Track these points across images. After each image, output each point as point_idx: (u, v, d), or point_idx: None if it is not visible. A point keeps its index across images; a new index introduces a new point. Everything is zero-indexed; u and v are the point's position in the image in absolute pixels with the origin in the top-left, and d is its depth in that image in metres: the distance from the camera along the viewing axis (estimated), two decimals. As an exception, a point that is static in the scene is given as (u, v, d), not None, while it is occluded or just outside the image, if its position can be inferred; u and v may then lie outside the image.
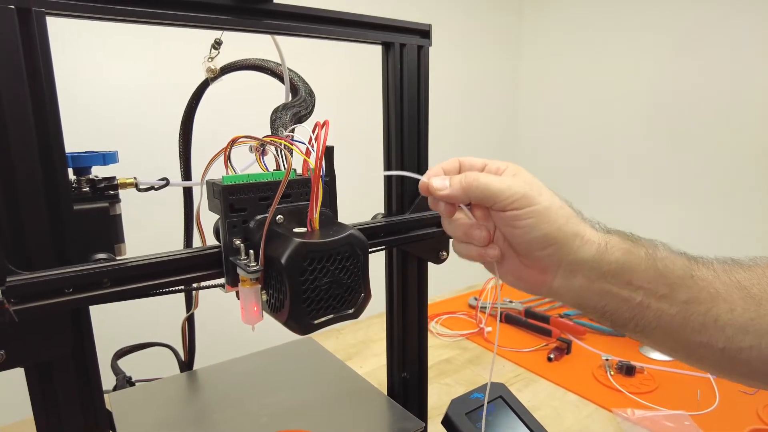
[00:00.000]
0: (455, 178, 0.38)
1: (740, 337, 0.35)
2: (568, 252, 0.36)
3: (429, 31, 0.55)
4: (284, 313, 0.36)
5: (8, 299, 0.33)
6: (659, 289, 0.36)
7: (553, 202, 0.37)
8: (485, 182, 0.37)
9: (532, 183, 0.37)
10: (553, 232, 0.36)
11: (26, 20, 0.34)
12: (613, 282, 0.37)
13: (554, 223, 0.36)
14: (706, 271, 0.36)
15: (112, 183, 0.43)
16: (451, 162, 0.41)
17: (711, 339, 0.36)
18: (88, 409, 0.40)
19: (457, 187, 0.38)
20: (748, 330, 0.35)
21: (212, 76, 0.54)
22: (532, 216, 0.36)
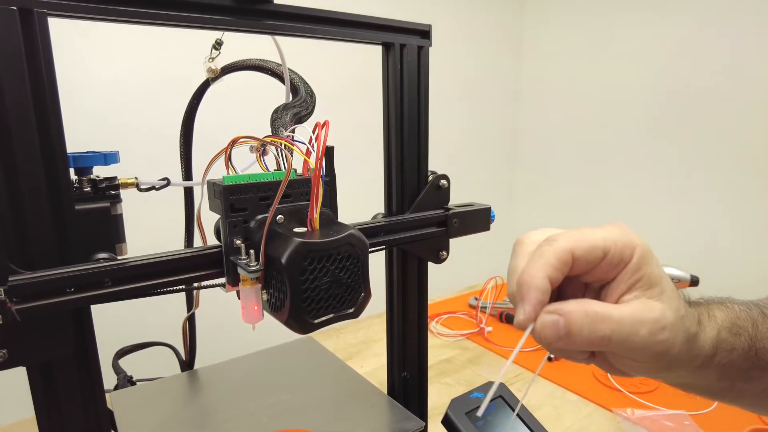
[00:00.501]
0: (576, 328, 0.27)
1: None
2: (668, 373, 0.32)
3: (429, 31, 0.55)
4: (284, 313, 0.36)
5: (10, 299, 0.33)
6: (749, 374, 0.33)
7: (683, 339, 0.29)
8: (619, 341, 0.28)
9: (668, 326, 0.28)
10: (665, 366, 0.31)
11: (28, 21, 0.34)
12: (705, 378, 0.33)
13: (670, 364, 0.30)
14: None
15: (114, 183, 0.43)
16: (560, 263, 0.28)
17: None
18: (90, 408, 0.41)
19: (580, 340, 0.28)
20: None
21: (213, 76, 0.54)
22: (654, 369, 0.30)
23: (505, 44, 1.66)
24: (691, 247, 1.29)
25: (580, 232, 0.29)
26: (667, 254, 0.37)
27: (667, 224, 1.37)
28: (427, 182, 0.58)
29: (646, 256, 0.29)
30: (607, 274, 0.30)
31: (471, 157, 1.61)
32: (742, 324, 0.33)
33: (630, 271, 0.29)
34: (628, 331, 0.27)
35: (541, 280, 0.28)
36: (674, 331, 0.28)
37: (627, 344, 0.28)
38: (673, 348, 0.29)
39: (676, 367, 0.31)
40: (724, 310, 0.33)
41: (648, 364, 0.30)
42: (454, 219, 0.57)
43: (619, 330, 0.27)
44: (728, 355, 0.32)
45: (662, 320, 0.28)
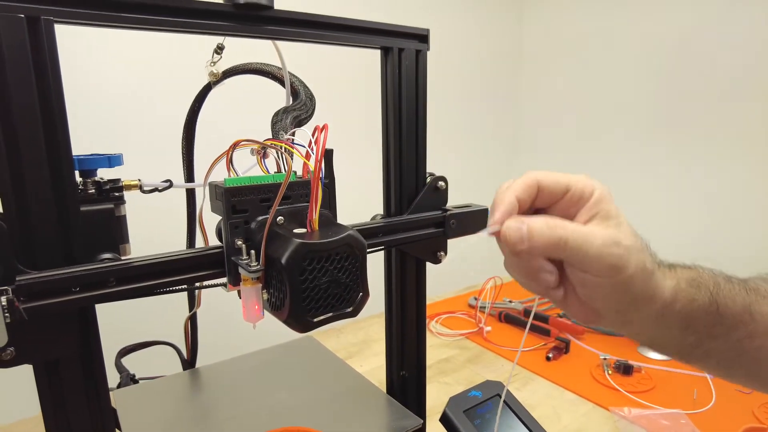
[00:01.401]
0: (536, 229, 0.31)
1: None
2: (633, 311, 0.34)
3: (427, 35, 0.56)
4: (284, 312, 0.37)
5: (18, 297, 0.34)
6: (715, 330, 0.34)
7: (638, 265, 0.32)
8: (575, 246, 0.31)
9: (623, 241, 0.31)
10: (622, 300, 0.33)
11: (35, 28, 0.35)
12: (669, 329, 0.35)
13: (628, 291, 0.32)
14: (763, 303, 0.35)
15: (117, 185, 0.44)
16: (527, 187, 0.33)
17: (762, 370, 0.36)
18: (95, 405, 0.41)
19: (540, 244, 0.31)
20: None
21: (215, 80, 0.55)
22: (608, 285, 0.32)
23: (505, 46, 1.67)
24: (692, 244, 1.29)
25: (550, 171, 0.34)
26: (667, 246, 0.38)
27: (667, 221, 1.38)
28: (425, 184, 0.59)
29: (605, 196, 0.33)
30: (570, 210, 0.33)
31: (470, 159, 1.62)
32: (702, 281, 0.35)
33: (589, 206, 0.33)
34: (583, 238, 0.31)
35: (509, 197, 0.33)
36: (628, 251, 0.31)
37: (582, 251, 0.31)
38: (627, 267, 0.31)
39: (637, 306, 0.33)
40: (685, 268, 0.36)
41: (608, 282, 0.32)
42: (452, 220, 0.57)
43: (575, 236, 0.31)
44: (689, 305, 0.34)
45: (616, 237, 0.31)
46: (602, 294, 0.33)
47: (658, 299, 0.33)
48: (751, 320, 0.34)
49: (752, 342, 0.35)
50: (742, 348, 0.35)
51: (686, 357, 0.37)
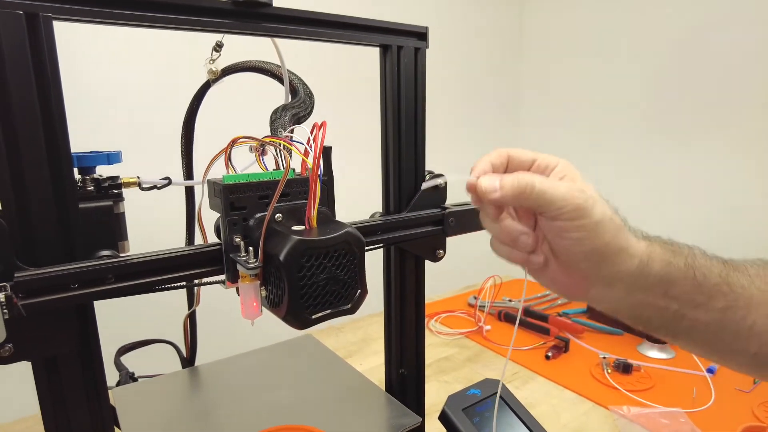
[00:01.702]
0: (507, 180, 0.35)
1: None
2: (611, 266, 0.35)
3: (426, 33, 0.56)
4: (283, 309, 0.37)
5: (16, 294, 0.34)
6: (696, 298, 0.35)
7: (605, 214, 0.35)
8: (541, 189, 0.34)
9: (586, 191, 0.35)
10: (600, 248, 0.35)
11: (34, 25, 0.35)
12: (651, 293, 0.36)
13: (602, 238, 0.34)
14: (741, 276, 0.36)
15: (116, 182, 0.44)
16: (499, 155, 0.38)
17: (744, 345, 0.36)
18: (94, 403, 0.42)
19: (509, 191, 0.35)
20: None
21: (214, 77, 0.55)
22: (583, 230, 0.34)
23: (505, 43, 1.67)
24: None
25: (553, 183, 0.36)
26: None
27: (665, 222, 1.38)
28: (425, 181, 0.59)
29: (569, 166, 0.37)
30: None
31: (469, 157, 1.62)
32: (677, 249, 0.36)
33: (555, 173, 0.37)
34: (549, 183, 0.34)
35: (484, 161, 0.38)
36: (593, 199, 0.34)
37: (549, 194, 0.34)
38: (593, 212, 0.34)
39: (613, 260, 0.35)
40: (660, 238, 0.37)
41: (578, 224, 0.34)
42: (451, 218, 0.58)
43: (542, 181, 0.34)
44: (666, 268, 0.35)
45: (581, 186, 0.35)
46: (575, 242, 0.35)
47: (633, 254, 0.35)
48: (730, 291, 0.35)
49: (734, 313, 0.35)
50: (725, 318, 0.36)
51: (672, 331, 0.38)
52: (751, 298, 0.35)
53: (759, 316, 0.35)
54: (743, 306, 0.35)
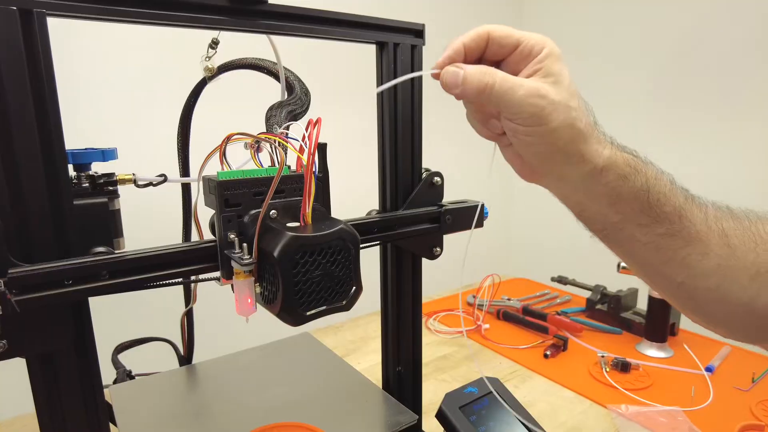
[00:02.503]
0: (470, 76, 0.34)
1: (701, 279, 0.37)
2: (560, 167, 0.36)
3: (422, 30, 0.56)
4: (277, 305, 0.37)
5: (10, 290, 0.34)
6: (640, 218, 0.37)
7: (563, 121, 0.34)
8: (499, 91, 0.34)
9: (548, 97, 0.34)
10: (549, 152, 0.36)
11: (28, 21, 0.35)
12: (596, 200, 0.37)
13: (555, 144, 0.35)
14: (698, 213, 0.37)
15: (111, 179, 0.44)
16: (477, 37, 0.36)
17: (673, 272, 0.38)
18: (89, 399, 0.42)
19: (471, 89, 0.35)
20: (710, 275, 0.36)
21: (210, 74, 0.55)
22: (535, 135, 0.35)
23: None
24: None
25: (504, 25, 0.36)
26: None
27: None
28: (421, 179, 0.59)
29: (553, 55, 0.35)
30: (519, 65, 0.36)
31: (468, 155, 1.61)
32: (643, 170, 0.36)
33: (535, 62, 0.35)
34: (508, 86, 0.34)
35: (456, 44, 0.36)
36: (553, 105, 0.34)
37: (507, 97, 0.34)
38: (550, 120, 0.34)
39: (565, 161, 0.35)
40: (632, 154, 0.37)
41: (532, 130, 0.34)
42: (447, 215, 0.57)
43: (502, 83, 0.34)
44: (620, 181, 0.36)
45: (542, 90, 0.34)
46: (529, 142, 0.36)
47: (587, 161, 0.36)
48: (678, 222, 0.36)
49: (674, 241, 0.37)
50: (663, 244, 0.37)
51: (610, 238, 0.39)
52: (697, 234, 0.36)
53: (694, 251, 0.36)
54: (684, 237, 0.36)
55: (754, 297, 0.36)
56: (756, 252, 0.36)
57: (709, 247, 0.36)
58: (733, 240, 0.36)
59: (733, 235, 0.37)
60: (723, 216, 0.37)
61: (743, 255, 0.36)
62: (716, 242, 0.36)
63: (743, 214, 0.38)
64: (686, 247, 0.37)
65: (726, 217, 0.38)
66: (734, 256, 0.36)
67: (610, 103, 1.48)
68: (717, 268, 0.36)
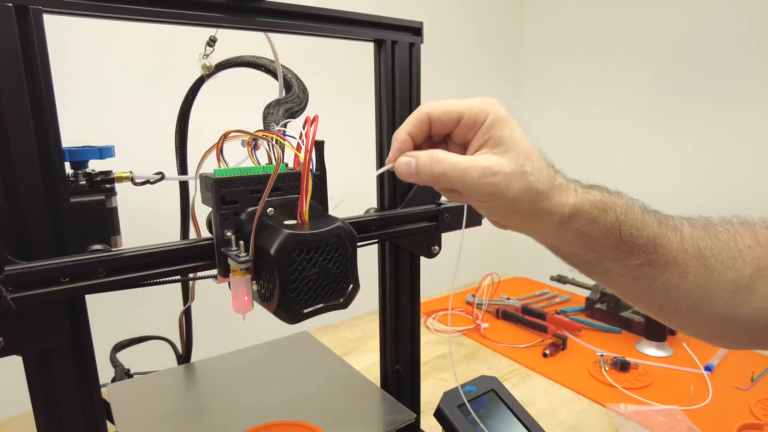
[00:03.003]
0: (422, 165, 0.35)
1: (681, 300, 0.37)
2: (527, 224, 0.37)
3: (420, 28, 0.56)
4: (274, 303, 0.37)
5: (6, 287, 0.34)
6: (614, 254, 0.37)
7: (521, 189, 0.34)
8: (453, 178, 0.34)
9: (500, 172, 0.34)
10: (513, 215, 0.36)
11: (24, 18, 0.35)
12: (568, 243, 0.38)
13: (515, 209, 0.35)
14: (672, 237, 0.37)
15: (109, 177, 0.44)
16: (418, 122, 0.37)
17: (653, 297, 0.38)
18: (86, 397, 0.42)
19: (425, 178, 0.36)
20: (690, 294, 0.37)
21: (207, 72, 0.55)
22: (494, 207, 0.36)
23: (504, 39, 1.67)
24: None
25: (444, 101, 0.36)
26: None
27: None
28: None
29: (498, 121, 0.35)
30: (467, 135, 0.36)
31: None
32: (612, 206, 0.36)
33: (482, 132, 0.35)
34: (461, 171, 0.34)
35: (402, 135, 0.37)
36: (508, 179, 0.34)
37: (461, 182, 0.34)
38: (507, 192, 0.34)
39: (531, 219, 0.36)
40: (600, 192, 0.37)
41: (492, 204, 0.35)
42: (446, 214, 0.57)
43: (453, 170, 0.34)
44: (588, 225, 0.36)
45: (494, 167, 0.34)
46: (491, 212, 0.37)
47: (553, 214, 0.36)
48: (654, 251, 0.36)
49: (650, 270, 0.37)
50: (640, 273, 0.37)
51: (588, 272, 0.40)
52: (674, 258, 0.37)
53: (672, 276, 0.37)
54: (661, 263, 0.37)
55: (736, 309, 0.36)
56: (735, 268, 0.36)
57: (686, 269, 0.37)
58: (711, 260, 0.37)
59: (710, 254, 0.37)
60: (699, 235, 0.38)
61: (721, 273, 0.36)
62: (694, 264, 0.37)
63: (722, 227, 0.38)
64: (664, 274, 0.37)
65: (702, 236, 0.38)
66: (712, 276, 0.36)
67: (610, 103, 1.48)
68: (696, 288, 0.37)
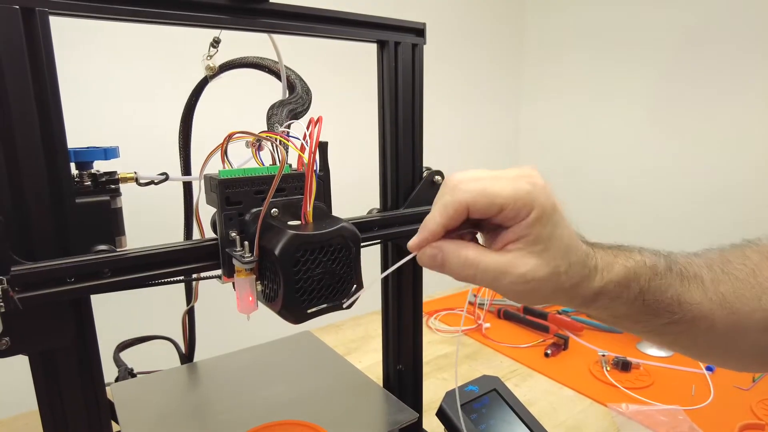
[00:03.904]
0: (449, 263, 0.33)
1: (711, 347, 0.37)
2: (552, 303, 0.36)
3: (423, 29, 0.56)
4: (278, 303, 0.38)
5: (13, 288, 0.34)
6: (638, 317, 0.36)
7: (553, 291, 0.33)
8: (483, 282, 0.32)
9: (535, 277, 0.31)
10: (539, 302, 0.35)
11: (30, 20, 0.35)
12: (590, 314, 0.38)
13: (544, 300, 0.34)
14: (696, 291, 0.36)
15: (113, 177, 0.44)
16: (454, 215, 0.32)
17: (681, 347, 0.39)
18: (90, 396, 0.42)
19: (452, 274, 0.33)
20: (719, 342, 0.37)
21: (211, 73, 0.55)
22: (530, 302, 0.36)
23: (505, 39, 1.67)
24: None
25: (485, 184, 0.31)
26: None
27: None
28: (422, 178, 0.59)
29: (543, 218, 0.31)
30: (505, 223, 0.32)
31: (469, 154, 1.62)
32: (636, 279, 0.35)
33: (522, 226, 0.31)
34: (491, 278, 0.32)
35: (435, 225, 0.33)
36: (540, 283, 0.32)
37: (490, 286, 0.33)
38: (536, 295, 0.33)
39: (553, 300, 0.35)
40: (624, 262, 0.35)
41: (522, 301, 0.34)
42: (448, 214, 0.57)
43: (484, 275, 0.32)
44: (611, 303, 0.35)
45: (528, 275, 0.31)
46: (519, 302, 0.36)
47: (578, 298, 0.35)
48: (679, 310, 0.36)
49: (677, 326, 0.36)
50: (667, 330, 0.37)
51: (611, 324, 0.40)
52: (700, 312, 0.36)
53: (700, 328, 0.36)
54: (687, 320, 0.36)
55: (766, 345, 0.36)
56: (761, 306, 0.35)
57: (713, 321, 0.36)
58: (736, 304, 0.36)
59: (734, 299, 0.36)
60: (719, 279, 0.37)
61: (748, 316, 0.36)
62: (720, 313, 0.36)
63: (738, 262, 0.37)
64: (691, 329, 0.36)
65: (722, 279, 0.37)
66: (740, 321, 0.36)
67: (610, 102, 1.48)
68: (724, 336, 0.36)
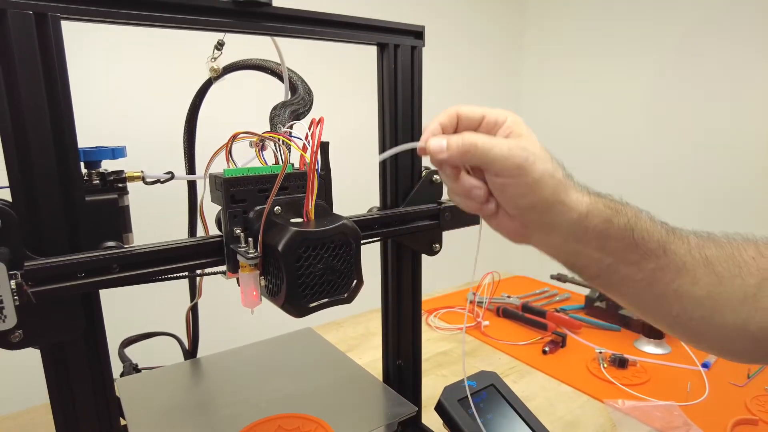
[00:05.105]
0: (453, 141, 0.38)
1: (695, 309, 0.39)
2: (549, 217, 0.38)
3: (422, 32, 0.57)
4: (281, 297, 0.39)
5: (26, 282, 0.35)
6: (630, 257, 0.38)
7: (545, 171, 0.37)
8: (483, 149, 0.36)
9: (528, 149, 0.37)
10: (538, 202, 0.37)
11: (42, 24, 0.36)
12: (587, 245, 0.39)
13: (540, 193, 0.37)
14: (681, 244, 0.39)
15: (121, 176, 0.46)
16: (448, 116, 0.40)
17: (668, 306, 0.39)
18: (99, 388, 0.43)
19: (455, 151, 0.37)
20: (703, 303, 0.38)
21: (215, 75, 0.57)
22: (522, 187, 0.37)
23: (505, 40, 1.68)
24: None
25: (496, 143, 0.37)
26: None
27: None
28: (421, 177, 0.60)
29: (517, 122, 0.39)
30: (490, 132, 0.39)
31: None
32: (621, 209, 0.38)
33: (504, 128, 0.39)
34: (492, 143, 0.37)
35: (433, 124, 0.40)
36: (535, 156, 0.36)
37: (491, 153, 0.36)
38: (533, 169, 0.36)
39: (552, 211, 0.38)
40: (609, 197, 0.39)
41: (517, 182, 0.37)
42: (446, 212, 0.59)
43: (484, 141, 0.37)
44: (605, 224, 0.38)
45: (522, 143, 0.37)
46: (516, 194, 0.38)
47: (572, 208, 0.38)
48: (664, 255, 0.38)
49: (664, 275, 0.38)
50: (655, 278, 0.39)
51: (604, 281, 0.41)
52: (683, 264, 0.38)
53: (684, 282, 0.38)
54: (673, 269, 0.38)
55: (747, 319, 0.38)
56: (741, 276, 0.38)
57: (696, 276, 0.38)
58: (718, 267, 0.38)
59: (717, 262, 0.38)
60: (705, 244, 0.39)
61: (729, 281, 0.38)
62: (703, 271, 0.38)
63: (725, 240, 0.40)
64: (677, 279, 0.38)
65: (708, 245, 0.39)
66: (721, 283, 0.38)
67: (612, 101, 1.49)
68: (708, 296, 0.38)
